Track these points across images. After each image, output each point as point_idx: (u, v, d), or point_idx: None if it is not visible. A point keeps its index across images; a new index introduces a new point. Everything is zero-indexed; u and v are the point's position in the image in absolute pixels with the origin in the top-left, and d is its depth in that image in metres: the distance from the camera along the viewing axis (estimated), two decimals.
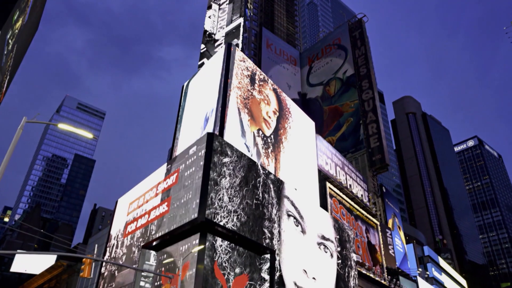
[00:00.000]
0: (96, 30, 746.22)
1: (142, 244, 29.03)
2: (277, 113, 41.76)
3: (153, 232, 28.20)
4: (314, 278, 32.93)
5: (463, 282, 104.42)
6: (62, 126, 18.19)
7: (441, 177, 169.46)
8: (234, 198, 27.00)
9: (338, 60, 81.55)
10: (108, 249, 35.36)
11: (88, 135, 21.05)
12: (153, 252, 29.13)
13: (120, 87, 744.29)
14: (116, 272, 32.07)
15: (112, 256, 33.71)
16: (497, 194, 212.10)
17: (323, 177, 48.96)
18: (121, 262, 30.72)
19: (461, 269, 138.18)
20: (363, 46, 78.35)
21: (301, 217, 34.25)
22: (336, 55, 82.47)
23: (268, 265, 28.81)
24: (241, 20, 68.54)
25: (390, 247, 60.33)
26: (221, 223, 25.03)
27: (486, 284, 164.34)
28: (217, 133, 31.09)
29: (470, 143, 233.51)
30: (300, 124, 46.45)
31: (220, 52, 39.08)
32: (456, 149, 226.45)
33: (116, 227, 35.41)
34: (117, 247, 33.58)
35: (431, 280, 77.37)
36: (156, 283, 26.88)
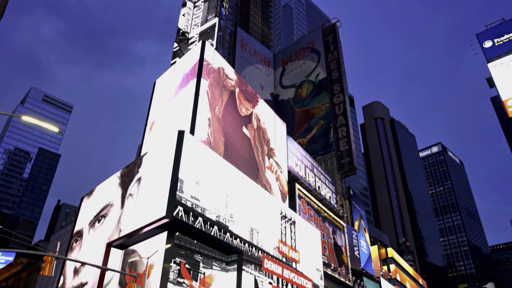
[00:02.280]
0: (67, 20, 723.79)
1: (107, 242, 28.39)
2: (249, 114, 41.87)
3: (119, 230, 27.64)
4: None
5: (424, 283, 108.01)
6: (26, 118, 17.57)
7: (406, 181, 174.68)
8: (202, 197, 26.86)
9: (311, 63, 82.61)
10: (71, 246, 34.36)
11: (54, 128, 20.42)
12: (118, 251, 28.55)
13: (91, 80, 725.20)
14: (79, 271, 31.22)
15: (75, 254, 32.79)
16: (458, 199, 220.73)
17: (293, 178, 49.49)
18: (84, 261, 29.94)
19: (422, 270, 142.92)
20: (335, 50, 79.72)
21: None
22: (309, 58, 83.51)
23: (235, 265, 28.83)
24: (216, 20, 68.21)
25: (355, 248, 61.65)
26: (189, 222, 24.83)
27: (445, 285, 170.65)
28: (188, 131, 30.82)
29: (434, 149, 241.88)
30: (272, 125, 46.74)
31: (192, 50, 38.78)
32: (421, 154, 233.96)
33: (81, 224, 34.47)
34: (81, 245, 32.70)
35: (393, 281, 79.62)
36: (121, 283, 26.38)
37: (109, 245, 28.19)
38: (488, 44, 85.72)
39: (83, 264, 29.37)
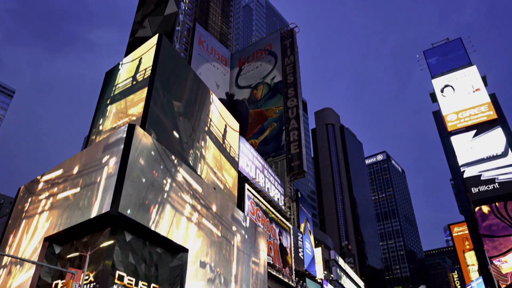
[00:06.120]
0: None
1: (45, 236, 26.96)
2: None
3: (59, 224, 26.35)
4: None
5: (362, 284, 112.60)
6: None
7: (352, 187, 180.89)
8: (149, 192, 26.30)
9: (267, 65, 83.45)
10: (5, 240, 32.24)
11: None
12: (57, 245, 27.20)
13: (40, 65, 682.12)
14: (13, 267, 29.37)
15: (10, 248, 30.80)
16: (398, 205, 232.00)
17: (243, 179, 49.70)
18: (20, 256, 28.24)
19: (361, 272, 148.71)
20: (292, 55, 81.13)
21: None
22: (266, 61, 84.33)
23: (180, 262, 28.47)
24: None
25: (300, 250, 62.99)
26: (135, 218, 24.19)
27: (382, 287, 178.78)
28: (139, 125, 30.04)
29: (379, 157, 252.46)
30: (225, 124, 46.69)
31: (148, 43, 37.88)
32: (367, 161, 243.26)
33: (17, 216, 32.48)
34: (16, 238, 30.78)
35: (335, 282, 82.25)
36: (58, 279, 25.18)
37: (47, 240, 26.81)
38: (433, 61, 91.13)
39: (18, 259, 27.72)
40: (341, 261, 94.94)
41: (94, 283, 22.46)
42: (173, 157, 30.59)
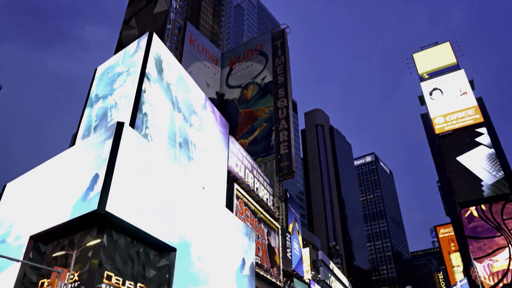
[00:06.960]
0: None
1: (31, 234, 26.57)
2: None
3: (45, 222, 26.01)
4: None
5: (349, 285, 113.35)
6: None
7: (340, 188, 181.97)
8: (139, 191, 26.11)
9: (258, 65, 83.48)
10: None
11: None
12: (43, 244, 26.84)
13: (28, 60, 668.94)
14: None
15: None
16: (386, 207, 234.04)
17: (232, 179, 49.67)
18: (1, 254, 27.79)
19: (348, 273, 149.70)
20: (283, 55, 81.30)
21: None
22: (257, 61, 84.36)
23: (167, 262, 28.33)
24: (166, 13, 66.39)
25: (288, 250, 63.16)
26: (123, 218, 23.97)
27: (369, 287, 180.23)
28: (128, 124, 29.82)
29: (368, 158, 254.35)
30: (215, 123, 46.63)
31: (136, 42, 37.60)
32: (356, 163, 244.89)
33: (3, 214, 31.98)
34: (1, 237, 30.32)
35: (322, 282, 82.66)
36: (44, 278, 24.86)
37: (33, 238, 26.44)
38: (422, 64, 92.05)
39: (4, 258, 27.24)
40: (328, 261, 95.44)
41: (79, 283, 22.22)
42: (163, 154, 30.45)
